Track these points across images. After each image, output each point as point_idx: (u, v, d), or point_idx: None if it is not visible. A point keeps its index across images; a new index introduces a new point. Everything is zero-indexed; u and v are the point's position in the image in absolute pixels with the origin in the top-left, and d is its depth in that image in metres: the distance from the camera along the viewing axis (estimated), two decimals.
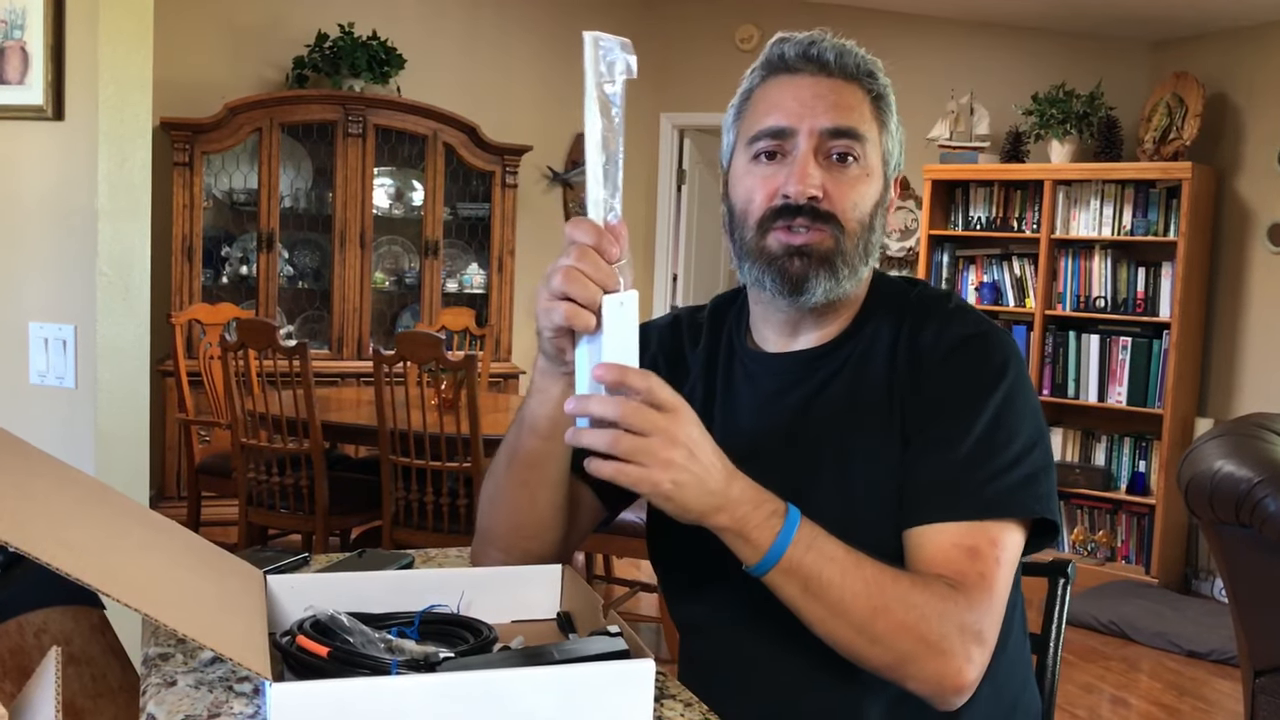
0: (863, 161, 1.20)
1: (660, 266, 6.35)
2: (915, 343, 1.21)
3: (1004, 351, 1.20)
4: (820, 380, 1.25)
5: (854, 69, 1.21)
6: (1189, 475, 2.63)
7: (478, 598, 1.14)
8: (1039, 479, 1.15)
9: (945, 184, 5.46)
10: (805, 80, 1.21)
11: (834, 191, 1.18)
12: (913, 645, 1.06)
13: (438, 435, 3.49)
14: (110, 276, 2.14)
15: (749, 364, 1.30)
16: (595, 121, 1.02)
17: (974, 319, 1.23)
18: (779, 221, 1.19)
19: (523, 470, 1.20)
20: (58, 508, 1.01)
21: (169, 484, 5.08)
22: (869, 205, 1.20)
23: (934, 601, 1.07)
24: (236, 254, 5.45)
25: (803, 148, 1.18)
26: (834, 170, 1.19)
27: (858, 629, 1.06)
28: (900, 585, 1.07)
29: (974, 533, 1.12)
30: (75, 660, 1.24)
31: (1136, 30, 5.33)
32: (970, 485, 1.13)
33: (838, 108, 1.19)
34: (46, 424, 2.17)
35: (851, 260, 1.19)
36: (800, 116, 1.19)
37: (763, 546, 1.04)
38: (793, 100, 1.20)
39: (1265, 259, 4.90)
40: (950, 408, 1.17)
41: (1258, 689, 2.61)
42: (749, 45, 5.94)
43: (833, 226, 1.18)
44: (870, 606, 1.05)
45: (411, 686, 0.86)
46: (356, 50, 5.37)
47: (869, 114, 1.21)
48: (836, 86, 1.20)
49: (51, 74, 2.09)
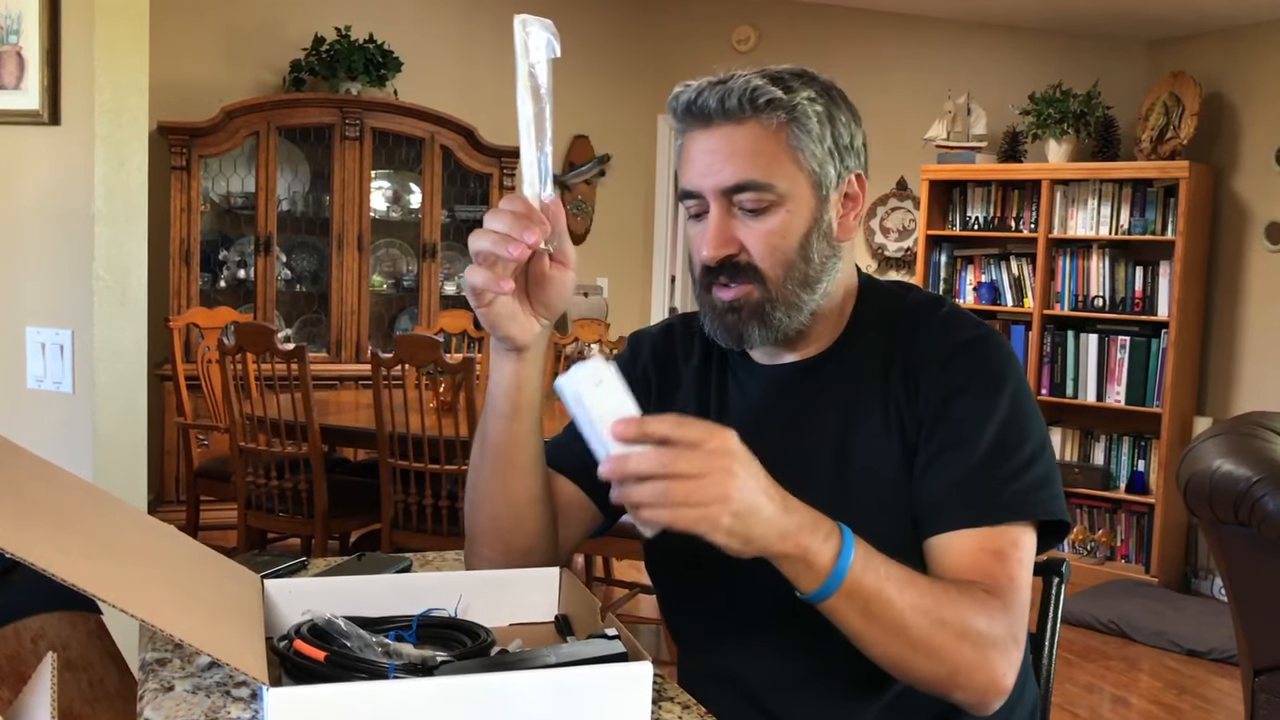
0: (778, 204, 1.17)
1: (658, 268, 6.35)
2: (910, 348, 1.21)
3: (1003, 353, 1.20)
4: (813, 389, 1.25)
5: (743, 108, 1.16)
6: (1188, 474, 2.63)
7: (475, 601, 1.14)
8: (1051, 480, 1.16)
9: (943, 184, 5.47)
10: (700, 135, 1.19)
11: (751, 243, 1.18)
12: (967, 655, 1.05)
13: (436, 438, 3.48)
14: (107, 281, 2.14)
15: (741, 375, 1.31)
16: (526, 103, 1.04)
17: (970, 323, 1.23)
18: (709, 279, 1.21)
19: (494, 459, 1.20)
20: (54, 513, 1.01)
21: (168, 488, 5.07)
22: (794, 241, 1.18)
23: (979, 609, 1.06)
24: (234, 257, 5.44)
25: (712, 210, 1.18)
26: (749, 220, 1.18)
27: (914, 645, 1.03)
28: (950, 595, 1.06)
29: (996, 536, 1.12)
30: (72, 666, 1.23)
31: (1133, 30, 5.34)
32: (989, 490, 1.13)
33: (732, 160, 1.16)
34: (44, 429, 2.17)
35: (787, 300, 1.19)
36: (703, 177, 1.18)
37: (824, 571, 1.00)
38: (693, 162, 1.20)
39: (1263, 257, 4.90)
40: (958, 413, 1.16)
41: (1258, 688, 2.61)
42: (746, 46, 5.94)
43: (754, 278, 1.19)
44: (928, 621, 1.03)
45: (409, 690, 0.86)
46: (353, 53, 5.37)
47: (774, 148, 1.16)
48: (728, 135, 1.17)
49: (47, 78, 2.08)
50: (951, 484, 1.14)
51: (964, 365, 1.19)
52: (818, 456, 1.22)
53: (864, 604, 1.02)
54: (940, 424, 1.17)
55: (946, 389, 1.18)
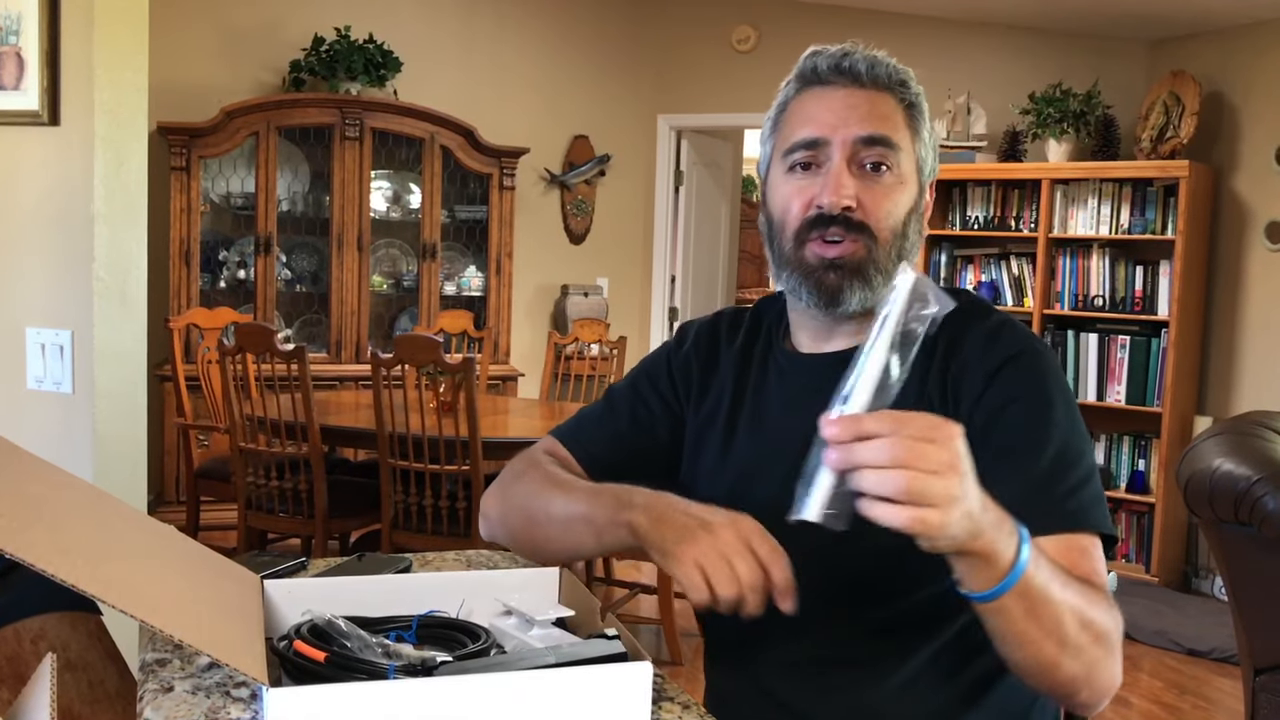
0: (896, 170, 1.21)
1: (658, 268, 6.34)
2: (957, 349, 1.20)
3: (1055, 368, 1.21)
4: None
5: (886, 79, 1.22)
6: (1188, 474, 2.62)
7: (476, 602, 1.14)
8: (1103, 498, 1.17)
9: (943, 183, 5.46)
10: (838, 92, 1.22)
11: (867, 201, 1.20)
12: (1103, 653, 1.04)
13: (436, 438, 3.49)
14: (107, 281, 2.14)
15: (781, 362, 1.31)
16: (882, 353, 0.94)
17: (1021, 333, 1.23)
18: (814, 232, 1.21)
19: (543, 527, 1.25)
20: (54, 514, 1.01)
21: (168, 489, 5.07)
22: (902, 213, 1.22)
23: (1104, 607, 1.06)
24: (234, 258, 5.44)
25: (836, 158, 1.20)
26: (868, 180, 1.20)
27: (1065, 645, 1.02)
28: (1088, 594, 1.05)
29: (1070, 541, 1.11)
30: (72, 666, 1.23)
31: (1133, 29, 5.34)
32: (1053, 501, 1.13)
33: (870, 118, 1.20)
34: (44, 429, 2.17)
35: (885, 268, 1.20)
36: (834, 127, 1.20)
37: (1004, 569, 0.96)
38: (826, 112, 1.21)
39: (1263, 256, 4.90)
40: (1016, 421, 1.16)
41: (1258, 687, 2.61)
42: (746, 46, 5.94)
43: (866, 237, 1.20)
44: (1078, 622, 1.02)
45: (409, 691, 0.86)
46: (353, 53, 5.37)
47: (902, 123, 1.22)
48: (869, 97, 1.22)
49: (47, 79, 2.08)
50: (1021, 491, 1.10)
51: (1016, 377, 1.18)
52: None
53: (1031, 603, 0.99)
54: (995, 431, 1.15)
55: (1002, 397, 1.17)
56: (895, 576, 1.17)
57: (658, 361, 1.41)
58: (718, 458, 1.30)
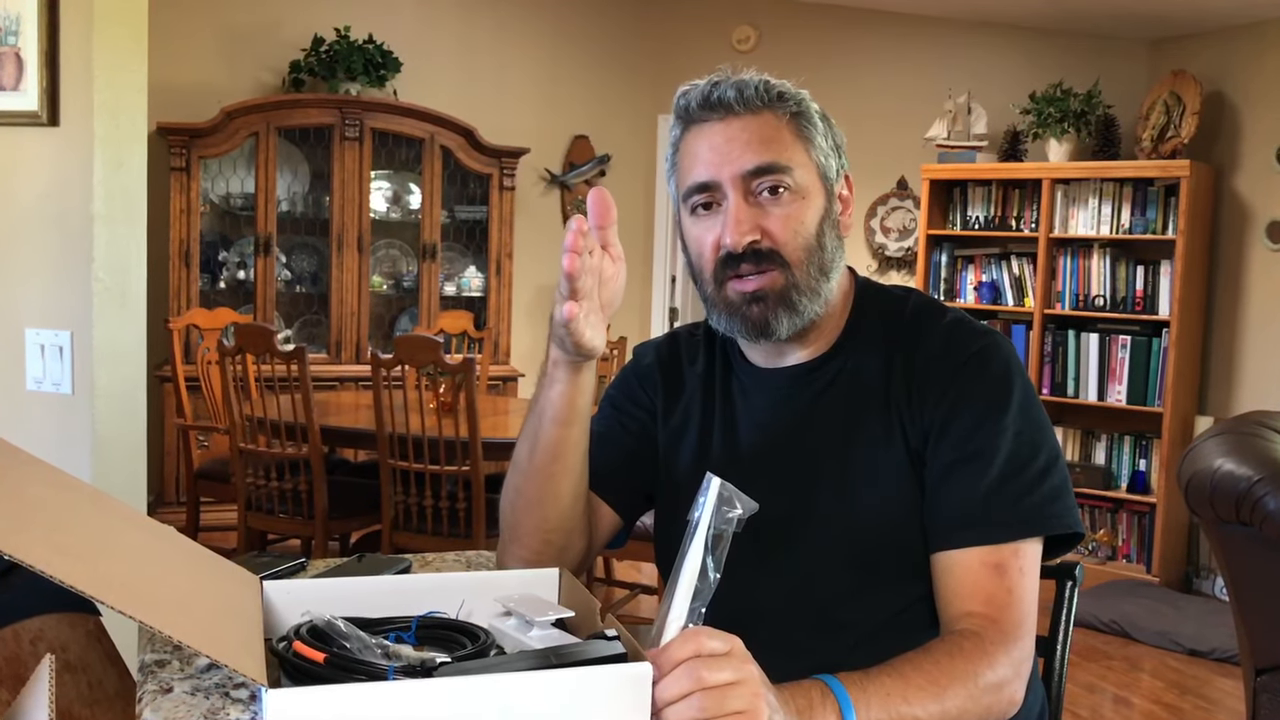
0: (794, 188, 1.20)
1: (658, 268, 6.34)
2: (914, 353, 1.22)
3: (1007, 358, 1.22)
4: (815, 391, 1.26)
5: (761, 99, 1.21)
6: (1189, 474, 2.62)
7: (475, 603, 1.14)
8: (1065, 491, 1.18)
9: (943, 183, 5.46)
10: (716, 126, 1.21)
11: (772, 228, 1.19)
12: (988, 702, 1.08)
13: (437, 439, 3.48)
14: (107, 282, 2.14)
15: (744, 378, 1.32)
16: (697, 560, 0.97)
17: (976, 330, 1.24)
18: (728, 271, 1.21)
19: (546, 461, 1.22)
20: (53, 515, 1.01)
21: (168, 489, 5.07)
22: (812, 228, 1.21)
23: (981, 661, 1.09)
24: (234, 259, 5.44)
25: (730, 197, 1.19)
26: (768, 205, 1.20)
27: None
28: (953, 665, 1.07)
29: (1000, 549, 1.14)
30: (71, 667, 1.23)
31: (1134, 29, 5.33)
32: (1002, 507, 1.15)
33: (752, 145, 1.19)
34: (43, 430, 2.16)
35: (809, 287, 1.21)
36: (719, 166, 1.20)
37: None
38: (709, 151, 1.21)
39: (1264, 256, 4.90)
40: (968, 427, 1.17)
41: (1259, 687, 2.61)
42: (746, 46, 5.93)
43: (778, 264, 1.20)
44: (942, 708, 1.05)
45: (408, 692, 0.86)
46: (353, 54, 5.37)
47: (789, 138, 1.21)
48: (747, 124, 1.20)
49: (46, 80, 2.08)
50: (964, 502, 1.15)
51: (973, 374, 1.19)
52: (821, 458, 1.22)
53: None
54: (949, 437, 1.17)
55: (955, 401, 1.18)
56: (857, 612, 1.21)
57: (625, 380, 1.42)
58: (691, 474, 1.29)
